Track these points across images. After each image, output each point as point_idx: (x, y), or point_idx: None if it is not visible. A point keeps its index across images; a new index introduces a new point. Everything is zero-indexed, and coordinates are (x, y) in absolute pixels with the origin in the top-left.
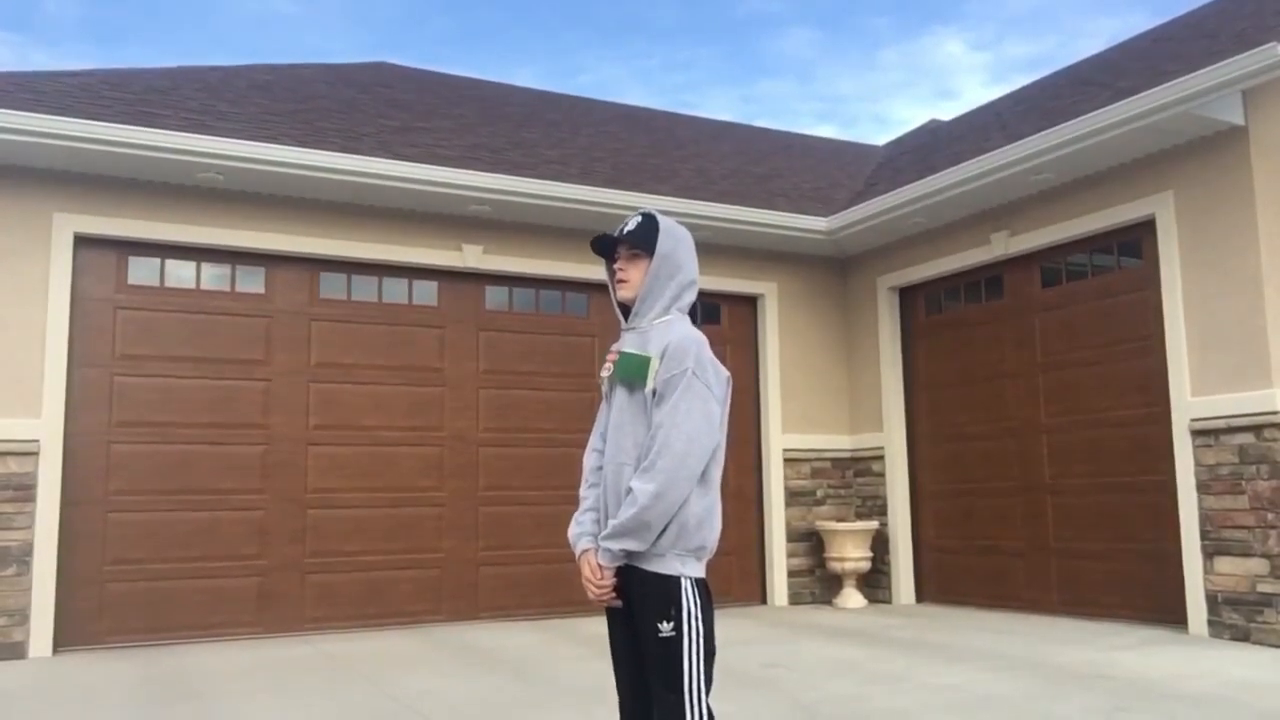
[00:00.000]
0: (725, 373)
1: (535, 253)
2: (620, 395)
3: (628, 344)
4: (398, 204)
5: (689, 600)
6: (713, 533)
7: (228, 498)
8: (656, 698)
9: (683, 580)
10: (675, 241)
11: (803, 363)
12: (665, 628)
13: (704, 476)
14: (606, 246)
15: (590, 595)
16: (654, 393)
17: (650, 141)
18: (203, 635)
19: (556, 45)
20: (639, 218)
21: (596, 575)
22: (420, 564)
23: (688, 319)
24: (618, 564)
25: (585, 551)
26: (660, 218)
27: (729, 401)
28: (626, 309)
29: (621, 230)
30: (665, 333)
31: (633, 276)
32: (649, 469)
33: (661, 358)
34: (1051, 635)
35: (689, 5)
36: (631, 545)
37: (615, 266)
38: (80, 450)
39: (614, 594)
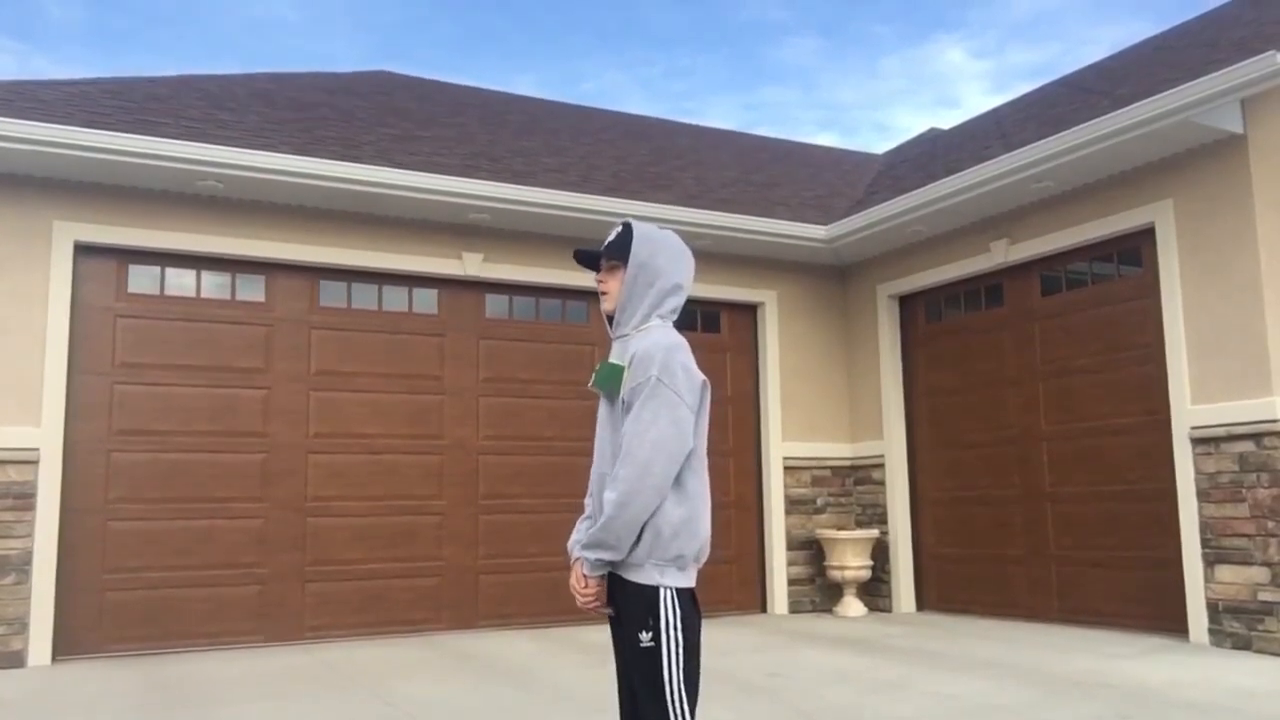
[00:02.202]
0: (699, 377)
1: (535, 261)
2: (602, 406)
3: (613, 354)
4: (398, 212)
5: (668, 611)
6: (692, 541)
7: (227, 506)
8: (641, 707)
9: (662, 590)
10: (653, 248)
11: (803, 371)
12: (645, 638)
13: (679, 484)
14: (589, 259)
15: (577, 603)
16: (624, 402)
17: (650, 150)
18: (202, 644)
19: (558, 52)
20: (618, 228)
21: (580, 584)
22: (420, 572)
23: (669, 325)
24: (599, 573)
25: (576, 560)
26: (637, 226)
27: (707, 406)
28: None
29: (604, 243)
30: (640, 341)
31: (611, 288)
32: (614, 479)
33: (629, 367)
34: (1052, 643)
35: (691, 12)
36: (605, 555)
37: (597, 279)
38: (80, 458)
39: (598, 602)
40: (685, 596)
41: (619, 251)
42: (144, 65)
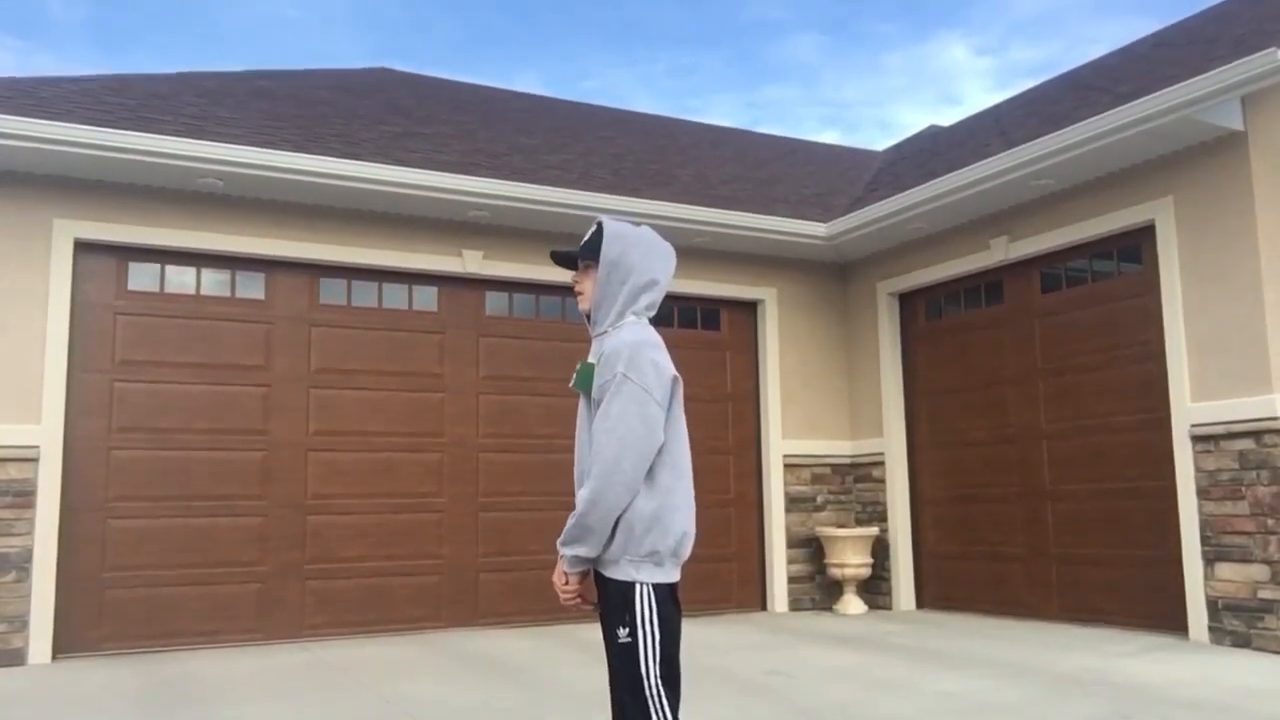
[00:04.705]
0: (669, 372)
1: (535, 258)
2: (581, 405)
3: (591, 353)
4: (398, 209)
5: (643, 606)
6: (667, 536)
7: (228, 504)
8: (623, 703)
9: (638, 586)
10: (624, 245)
11: (803, 368)
12: (622, 633)
13: (651, 480)
14: (566, 260)
15: (560, 600)
16: (595, 400)
17: (650, 147)
18: (202, 642)
19: (561, 50)
20: (593, 227)
21: (561, 581)
22: (420, 570)
23: (644, 321)
24: (578, 569)
25: (560, 557)
26: (608, 224)
27: (680, 401)
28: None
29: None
30: (610, 339)
31: (586, 287)
32: (587, 476)
33: (598, 365)
34: (1052, 641)
35: (694, 10)
36: (581, 551)
37: (572, 279)
38: (80, 456)
39: (579, 599)
40: (663, 592)
41: (591, 251)
42: (145, 63)
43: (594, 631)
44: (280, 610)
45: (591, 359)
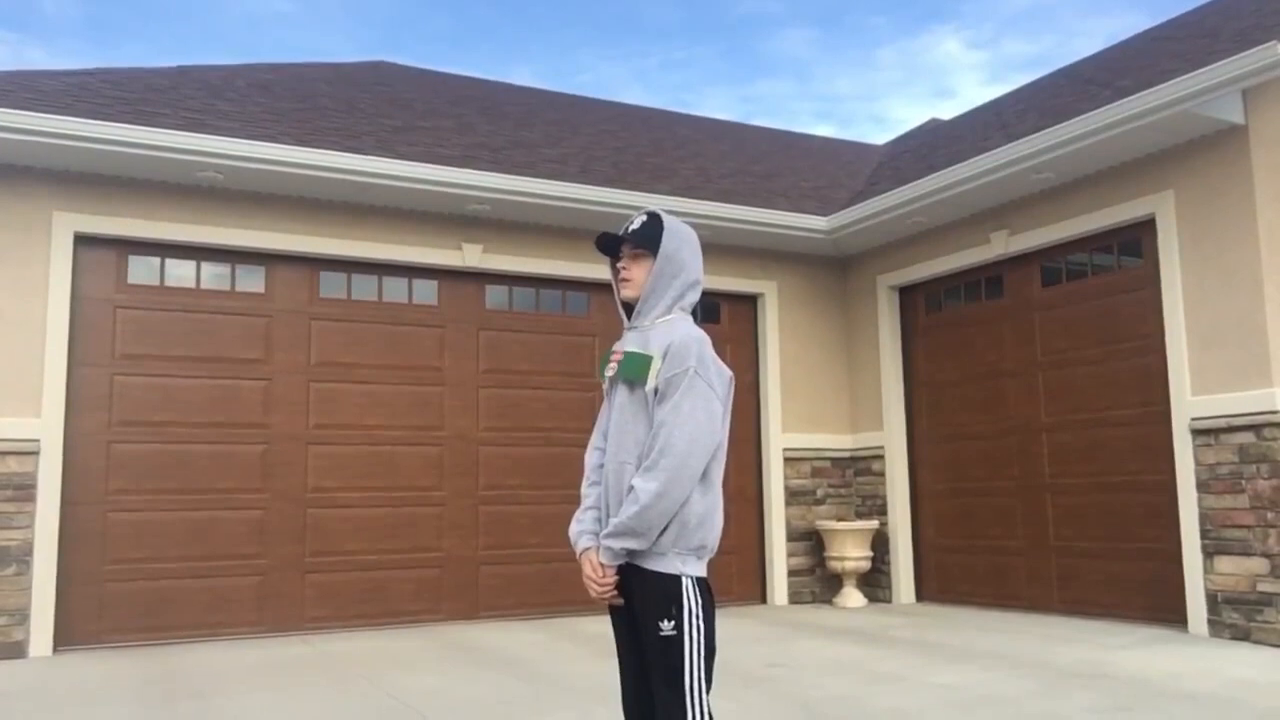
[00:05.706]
0: (728, 372)
1: (535, 252)
2: (622, 394)
3: (630, 343)
4: (398, 203)
5: (690, 599)
6: (713, 531)
7: (228, 497)
8: (658, 696)
9: (684, 579)
10: (679, 241)
11: (803, 362)
12: (666, 626)
13: (705, 476)
14: (610, 245)
15: (592, 594)
16: (655, 391)
17: (650, 140)
18: (203, 635)
19: (554, 44)
20: (644, 217)
21: (598, 574)
22: (420, 563)
23: (690, 318)
24: (619, 562)
25: (586, 550)
26: (665, 217)
27: (731, 401)
28: (630, 308)
29: (626, 229)
30: (668, 332)
31: (636, 276)
32: (651, 468)
33: (664, 356)
34: (1052, 634)
35: (686, 4)
36: (633, 544)
37: (619, 265)
38: (80, 450)
39: (615, 592)
40: (703, 585)
41: (646, 241)
42: (139, 58)
43: (594, 624)
44: (281, 603)
45: (632, 348)
